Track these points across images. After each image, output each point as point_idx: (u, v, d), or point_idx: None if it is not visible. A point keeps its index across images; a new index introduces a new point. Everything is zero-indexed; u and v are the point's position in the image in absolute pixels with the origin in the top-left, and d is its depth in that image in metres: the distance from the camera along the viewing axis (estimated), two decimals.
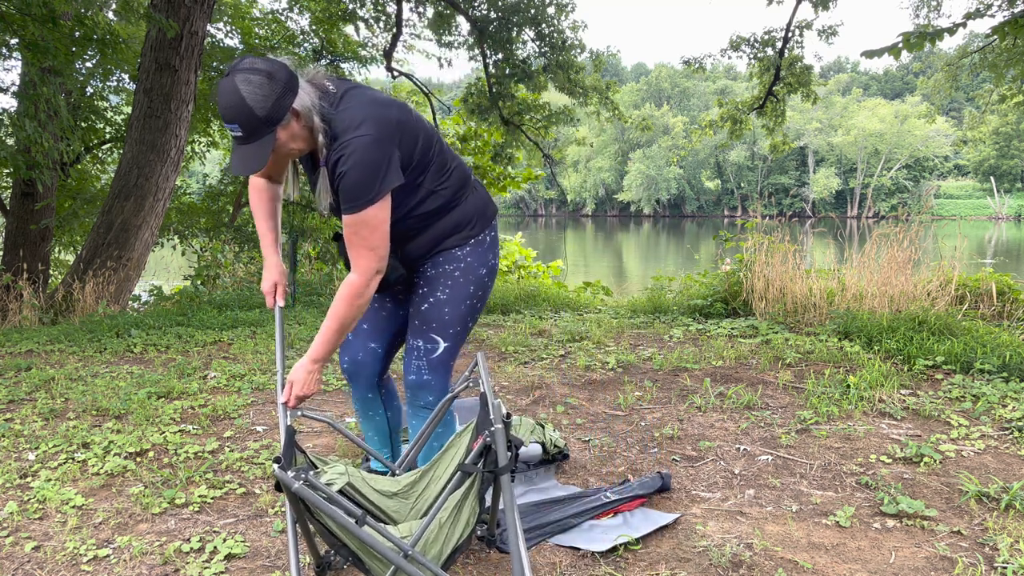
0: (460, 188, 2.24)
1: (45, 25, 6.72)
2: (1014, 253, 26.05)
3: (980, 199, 66.82)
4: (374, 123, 1.96)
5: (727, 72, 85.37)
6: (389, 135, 1.98)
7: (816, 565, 2.26)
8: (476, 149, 12.77)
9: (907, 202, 54.76)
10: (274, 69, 1.87)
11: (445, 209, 2.22)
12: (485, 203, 2.33)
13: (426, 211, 2.19)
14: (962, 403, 3.79)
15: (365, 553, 1.87)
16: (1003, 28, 5.01)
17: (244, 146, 1.88)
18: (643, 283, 11.46)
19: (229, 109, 1.84)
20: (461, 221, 2.26)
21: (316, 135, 1.97)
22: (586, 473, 3.00)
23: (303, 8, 11.62)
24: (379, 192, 1.96)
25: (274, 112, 1.86)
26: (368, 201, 1.96)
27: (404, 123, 2.03)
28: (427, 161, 2.13)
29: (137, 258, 7.98)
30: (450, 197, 2.22)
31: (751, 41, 11.67)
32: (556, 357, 4.96)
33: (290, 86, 1.89)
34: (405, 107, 2.10)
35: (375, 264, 2.04)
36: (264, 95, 1.84)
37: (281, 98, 1.87)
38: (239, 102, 1.83)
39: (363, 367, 2.39)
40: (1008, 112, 18.87)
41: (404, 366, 2.34)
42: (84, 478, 2.95)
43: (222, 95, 1.85)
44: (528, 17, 10.89)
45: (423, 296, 2.28)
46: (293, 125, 1.94)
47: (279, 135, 1.92)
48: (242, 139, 1.88)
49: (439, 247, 2.26)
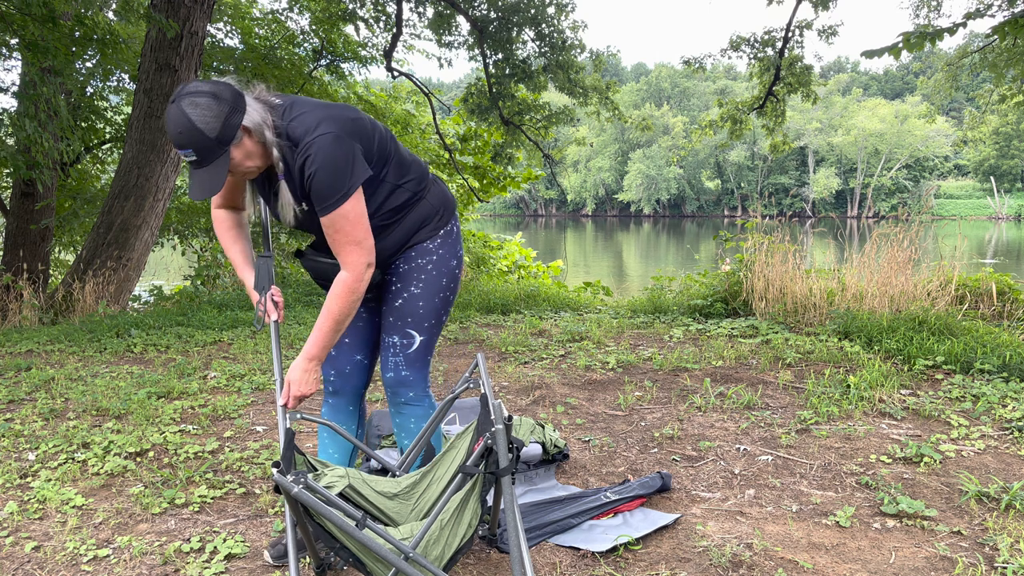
0: (422, 181, 2.27)
1: (45, 25, 6.72)
2: (1014, 253, 26.05)
3: (980, 199, 66.81)
4: (331, 121, 1.99)
5: (727, 72, 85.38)
6: (348, 130, 2.02)
7: (816, 565, 2.26)
8: (476, 149, 12.77)
9: (907, 202, 54.75)
10: (218, 90, 1.90)
11: (411, 203, 2.25)
12: (446, 195, 2.36)
13: (394, 206, 2.21)
14: (962, 403, 3.79)
15: (366, 555, 1.87)
16: (1003, 28, 5.01)
17: (200, 170, 1.91)
18: (643, 283, 11.45)
19: (180, 135, 1.86)
20: (429, 214, 2.29)
21: (270, 150, 2.00)
22: (586, 473, 3.00)
23: (303, 8, 11.62)
24: (351, 185, 1.99)
25: (225, 132, 1.89)
26: (343, 196, 1.98)
27: (357, 120, 2.07)
28: (386, 155, 2.16)
29: (137, 258, 7.98)
30: (414, 190, 2.25)
31: (751, 41, 11.66)
32: (556, 357, 4.95)
33: (237, 105, 1.92)
34: (353, 107, 2.15)
35: (364, 257, 2.05)
36: (212, 116, 1.87)
37: (229, 117, 1.89)
38: (189, 126, 1.85)
39: (349, 380, 2.40)
40: (1008, 112, 18.87)
41: (381, 365, 2.35)
42: (84, 478, 2.95)
43: (171, 122, 1.87)
44: (528, 17, 10.88)
45: (396, 292, 2.30)
46: (246, 143, 1.96)
47: (233, 154, 1.95)
48: (197, 163, 1.90)
49: (410, 242, 2.28)
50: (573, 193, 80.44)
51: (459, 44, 11.57)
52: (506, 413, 1.95)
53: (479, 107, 11.79)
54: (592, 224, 65.51)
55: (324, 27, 11.38)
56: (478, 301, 7.05)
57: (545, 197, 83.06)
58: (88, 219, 10.22)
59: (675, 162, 66.80)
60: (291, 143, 2.00)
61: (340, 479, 2.07)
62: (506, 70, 11.47)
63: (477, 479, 1.98)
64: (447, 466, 2.20)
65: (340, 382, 2.38)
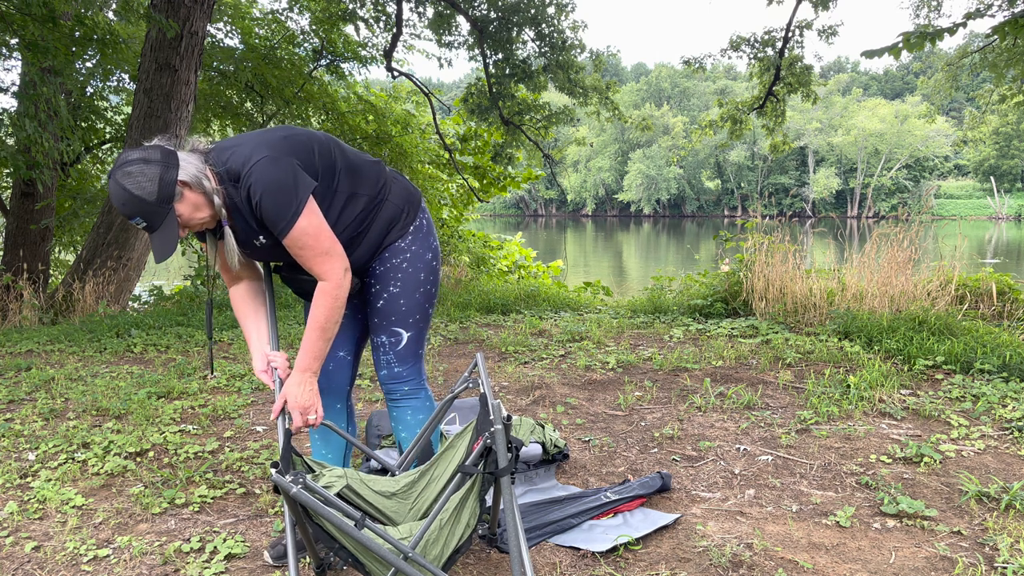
0: (379, 184, 2.27)
1: (45, 25, 6.72)
2: (1014, 253, 26.05)
3: (980, 199, 66.80)
4: (263, 146, 2.02)
5: (727, 72, 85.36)
6: (282, 149, 2.03)
7: (816, 565, 2.26)
8: (476, 149, 12.76)
9: (907, 202, 54.78)
10: (147, 154, 1.93)
11: (373, 209, 2.25)
12: (408, 191, 2.36)
13: (355, 215, 2.21)
14: (962, 403, 3.79)
15: (365, 556, 1.88)
16: (1003, 28, 5.01)
17: (154, 234, 1.95)
18: (643, 283, 11.45)
19: (124, 207, 1.90)
20: (395, 215, 2.29)
21: (212, 199, 2.01)
22: (586, 473, 3.00)
23: (303, 8, 11.61)
24: (300, 201, 2.00)
25: (163, 191, 1.92)
26: (295, 213, 1.99)
27: (289, 136, 2.09)
28: (332, 165, 2.16)
29: (137, 258, 7.98)
30: (373, 195, 2.24)
31: (751, 41, 11.66)
32: (556, 357, 4.95)
33: (168, 162, 1.94)
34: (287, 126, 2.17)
35: (338, 264, 2.07)
36: (147, 180, 1.90)
37: (163, 176, 1.92)
38: (128, 196, 1.89)
39: (334, 377, 2.40)
40: (1008, 112, 18.86)
41: (375, 366, 2.39)
42: (84, 478, 2.95)
43: (113, 198, 1.92)
44: (528, 17, 10.88)
45: (377, 293, 2.31)
46: (188, 196, 1.98)
47: (180, 211, 1.97)
48: (149, 228, 1.94)
49: (382, 245, 2.29)
50: (573, 193, 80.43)
51: (459, 44, 11.57)
52: (505, 413, 1.95)
53: (479, 107, 11.79)
54: (592, 224, 65.50)
55: (324, 27, 11.38)
56: (478, 301, 7.05)
57: (545, 197, 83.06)
58: (88, 219, 10.22)
59: (675, 162, 66.77)
60: (232, 181, 2.03)
61: (339, 479, 2.07)
62: (506, 70, 11.47)
63: (476, 479, 1.98)
64: (445, 465, 2.20)
65: (325, 380, 2.38)
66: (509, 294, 7.43)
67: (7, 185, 11.08)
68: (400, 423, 2.41)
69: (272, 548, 2.32)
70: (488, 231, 15.88)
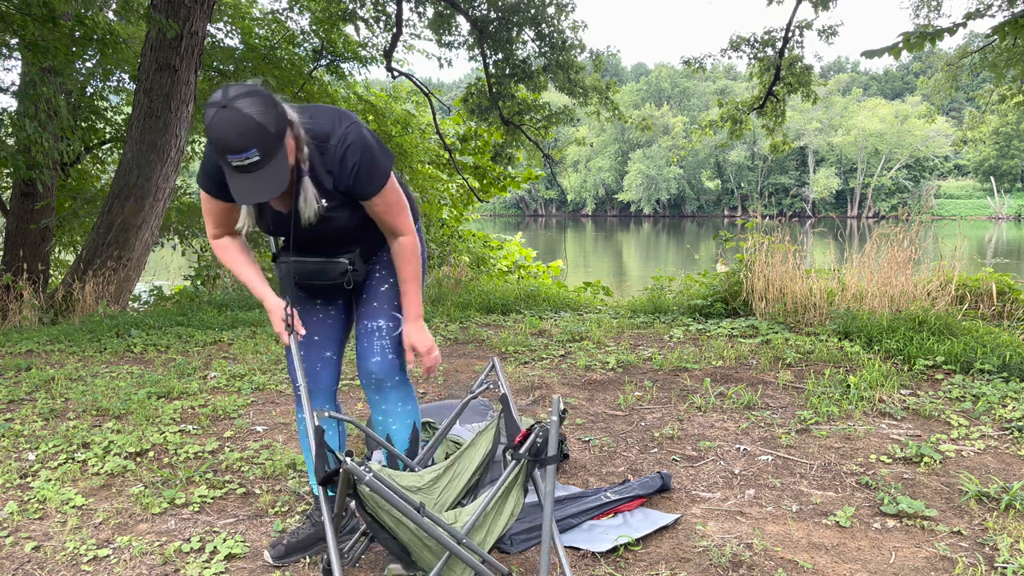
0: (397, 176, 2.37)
1: (45, 25, 6.72)
2: (1014, 253, 26.05)
3: (980, 199, 66.78)
4: (347, 115, 2.09)
5: (727, 72, 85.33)
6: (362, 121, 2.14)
7: (816, 565, 2.26)
8: (476, 149, 12.77)
9: (907, 202, 54.69)
10: (257, 87, 1.91)
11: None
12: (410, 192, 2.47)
13: None
14: (962, 403, 3.79)
15: (416, 544, 1.91)
16: (1003, 28, 5.01)
17: (261, 170, 1.88)
18: (643, 283, 11.45)
19: (244, 136, 1.82)
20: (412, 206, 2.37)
21: (302, 145, 2.02)
22: (586, 473, 3.00)
23: (303, 8, 11.62)
24: (390, 162, 2.14)
25: (280, 122, 1.90)
26: (388, 170, 2.12)
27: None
28: None
29: (137, 258, 7.98)
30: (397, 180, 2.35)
31: (751, 41, 11.66)
32: (556, 357, 4.95)
33: (275, 98, 1.93)
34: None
35: (411, 220, 2.24)
36: (267, 110, 1.86)
37: (278, 108, 1.91)
38: (253, 125, 1.82)
39: (322, 378, 2.40)
40: (1008, 112, 18.87)
41: (364, 353, 2.32)
42: (84, 478, 2.95)
43: (228, 126, 1.81)
44: (528, 17, 10.88)
45: (382, 278, 2.35)
46: (289, 137, 1.96)
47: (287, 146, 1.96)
48: (259, 163, 1.87)
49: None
50: (573, 193, 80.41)
51: (459, 44, 11.57)
52: (562, 406, 2.06)
53: (479, 107, 11.79)
54: (592, 224, 65.50)
55: (324, 27, 11.39)
56: (478, 301, 7.05)
57: (545, 197, 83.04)
58: (88, 219, 10.22)
59: (675, 162, 66.72)
60: (319, 141, 2.04)
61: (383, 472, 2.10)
62: (506, 70, 11.47)
63: (522, 465, 2.03)
64: (468, 462, 2.22)
65: (314, 382, 2.38)
66: (509, 294, 7.43)
67: (7, 185, 11.08)
68: (391, 416, 2.36)
69: (273, 548, 2.32)
70: (488, 231, 15.89)
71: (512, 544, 2.35)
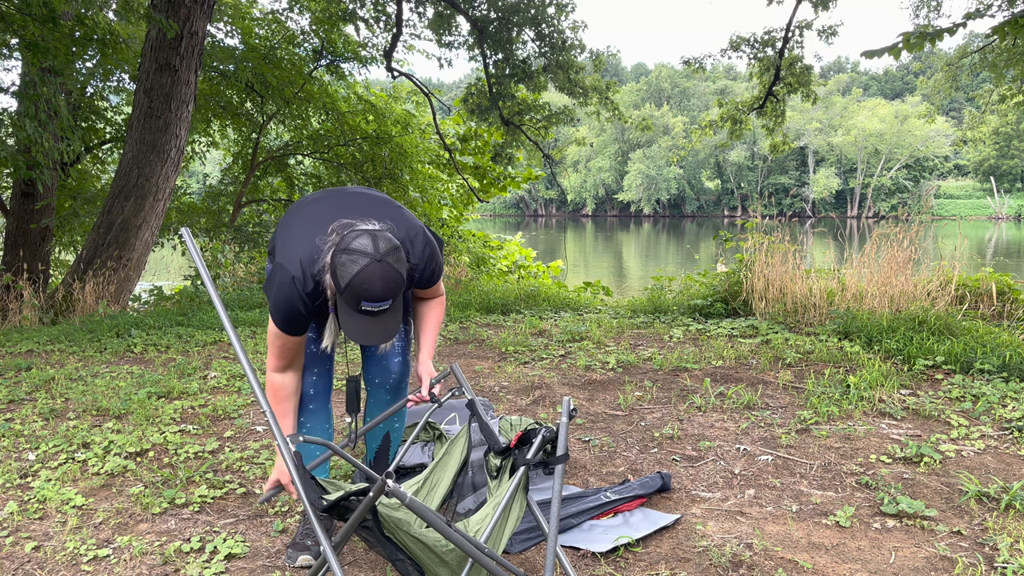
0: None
1: (45, 25, 6.72)
2: (1014, 253, 26.05)
3: (980, 199, 66.77)
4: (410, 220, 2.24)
5: (727, 72, 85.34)
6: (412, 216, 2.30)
7: (816, 565, 2.26)
8: (476, 149, 12.76)
9: (907, 202, 54.68)
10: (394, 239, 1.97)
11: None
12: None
13: None
14: (962, 403, 3.79)
15: (432, 560, 1.89)
16: (1003, 28, 5.01)
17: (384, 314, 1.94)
18: (643, 283, 11.45)
19: (390, 289, 1.89)
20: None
21: None
22: (586, 473, 3.00)
23: (303, 8, 11.62)
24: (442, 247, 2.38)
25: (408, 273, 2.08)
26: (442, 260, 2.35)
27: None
28: None
29: (137, 258, 7.98)
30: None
31: (751, 41, 11.66)
32: (556, 357, 4.95)
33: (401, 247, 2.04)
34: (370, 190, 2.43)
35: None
36: (403, 262, 1.96)
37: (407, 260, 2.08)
38: (399, 280, 1.91)
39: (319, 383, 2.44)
40: (1008, 112, 18.86)
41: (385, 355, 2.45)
42: (84, 478, 2.95)
43: (379, 281, 1.86)
44: (528, 17, 10.88)
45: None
46: None
47: None
48: (388, 309, 1.94)
49: None
50: (573, 193, 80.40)
51: (459, 44, 11.57)
52: (572, 406, 2.11)
53: (479, 107, 11.79)
54: (592, 224, 65.48)
55: (324, 27, 11.39)
56: (478, 301, 7.05)
57: (545, 197, 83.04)
58: (88, 219, 10.23)
59: (675, 162, 66.75)
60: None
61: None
62: (506, 70, 11.47)
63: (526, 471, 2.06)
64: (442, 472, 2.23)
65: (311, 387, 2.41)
66: (509, 294, 7.43)
67: (7, 185, 11.08)
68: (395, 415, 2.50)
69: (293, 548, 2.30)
70: (488, 231, 15.88)
71: (512, 544, 2.35)
